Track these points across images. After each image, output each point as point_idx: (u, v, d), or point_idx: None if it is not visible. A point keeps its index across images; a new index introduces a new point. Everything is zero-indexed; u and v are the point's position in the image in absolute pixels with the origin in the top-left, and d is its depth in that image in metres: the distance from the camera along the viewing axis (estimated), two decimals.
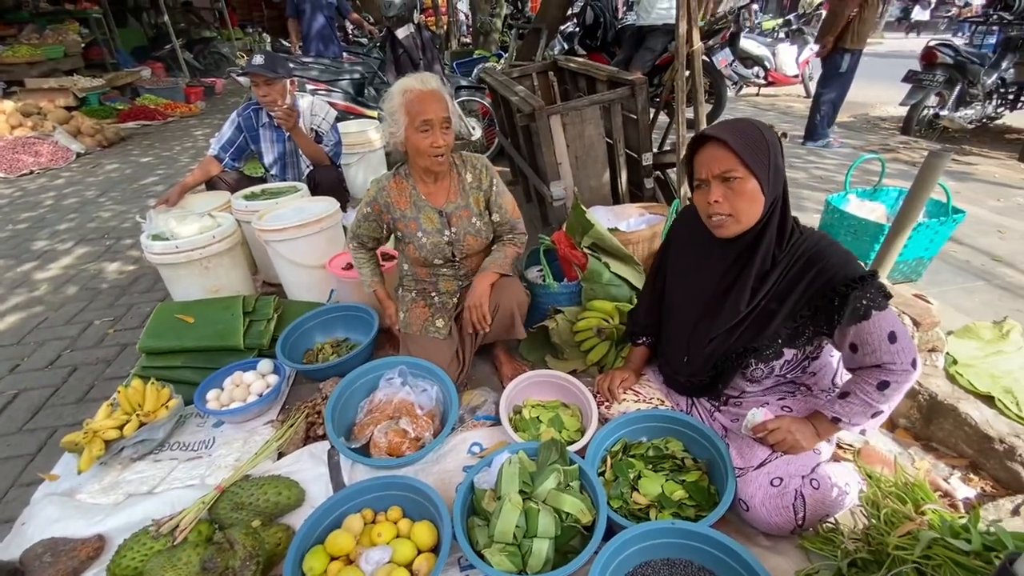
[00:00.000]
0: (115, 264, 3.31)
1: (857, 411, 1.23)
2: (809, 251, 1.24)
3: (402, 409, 1.68)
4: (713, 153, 1.22)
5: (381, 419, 1.65)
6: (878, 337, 1.17)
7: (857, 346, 1.21)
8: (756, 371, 1.36)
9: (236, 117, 2.89)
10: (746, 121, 1.25)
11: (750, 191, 1.21)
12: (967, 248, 2.91)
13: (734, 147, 1.18)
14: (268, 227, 2.29)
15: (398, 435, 1.60)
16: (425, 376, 1.80)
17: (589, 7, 5.74)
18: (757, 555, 1.32)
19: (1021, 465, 1.47)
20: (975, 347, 1.84)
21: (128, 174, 5.19)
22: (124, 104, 7.66)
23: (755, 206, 1.23)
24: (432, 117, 1.64)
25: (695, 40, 2.47)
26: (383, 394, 1.74)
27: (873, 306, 1.16)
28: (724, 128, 1.23)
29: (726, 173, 1.21)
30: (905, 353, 1.17)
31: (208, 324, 2.10)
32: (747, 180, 1.21)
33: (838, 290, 1.18)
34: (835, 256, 1.22)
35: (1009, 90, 5.04)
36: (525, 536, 1.28)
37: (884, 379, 1.18)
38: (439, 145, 1.68)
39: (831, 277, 1.20)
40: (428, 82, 1.68)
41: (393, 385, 1.75)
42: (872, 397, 1.20)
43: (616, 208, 2.57)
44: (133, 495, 1.57)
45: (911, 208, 1.47)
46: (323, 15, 5.38)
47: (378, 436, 1.60)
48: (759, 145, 1.20)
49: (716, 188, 1.24)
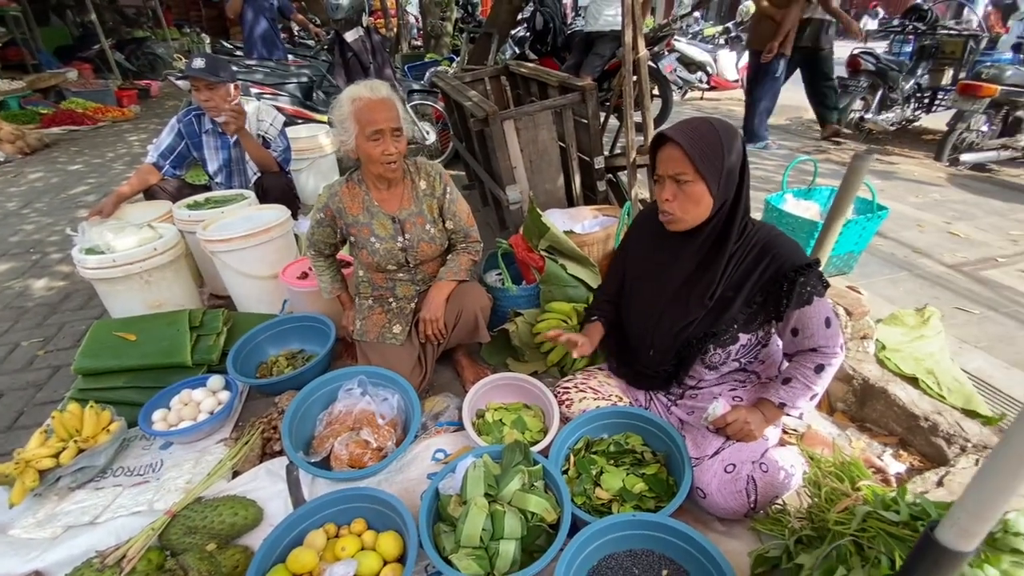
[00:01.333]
0: (43, 280, 3.09)
1: (799, 394, 1.34)
2: (761, 241, 1.34)
3: (363, 420, 1.65)
4: (670, 153, 1.29)
5: (341, 431, 1.62)
6: (817, 322, 1.29)
7: (798, 330, 1.32)
8: (715, 356, 1.43)
9: (176, 123, 2.76)
10: (707, 123, 1.30)
11: (697, 193, 1.29)
12: (892, 242, 3.15)
13: (687, 151, 1.25)
14: (214, 237, 2.20)
15: (359, 446, 1.57)
16: (386, 385, 1.78)
17: (539, 13, 5.83)
18: (713, 540, 1.38)
19: (943, 440, 1.61)
20: (901, 333, 1.99)
21: (54, 183, 4.84)
22: (48, 108, 7.15)
23: (701, 208, 1.32)
24: (383, 126, 1.63)
25: (640, 47, 2.56)
26: (342, 405, 1.70)
27: (815, 292, 1.28)
28: (682, 130, 1.28)
29: (678, 175, 1.29)
30: (836, 337, 1.31)
31: (152, 341, 2.00)
32: (696, 183, 1.28)
33: (788, 276, 1.29)
34: (784, 246, 1.32)
35: (925, 94, 5.50)
36: (492, 538, 1.29)
37: (820, 362, 1.31)
38: (391, 153, 1.67)
39: (781, 265, 1.30)
40: (378, 90, 1.66)
41: (353, 395, 1.72)
42: (811, 380, 1.32)
43: (571, 211, 2.62)
44: (73, 527, 1.47)
45: (840, 206, 1.59)
46: (265, 18, 5.19)
47: (338, 448, 1.57)
48: (713, 150, 1.26)
49: (668, 187, 1.32)
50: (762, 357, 1.50)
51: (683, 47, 7.12)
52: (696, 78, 7.38)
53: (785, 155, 5.01)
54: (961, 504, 0.68)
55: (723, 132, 1.29)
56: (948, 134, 4.62)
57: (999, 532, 0.93)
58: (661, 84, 5.90)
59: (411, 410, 1.69)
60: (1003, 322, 2.34)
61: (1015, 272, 2.78)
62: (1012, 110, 4.50)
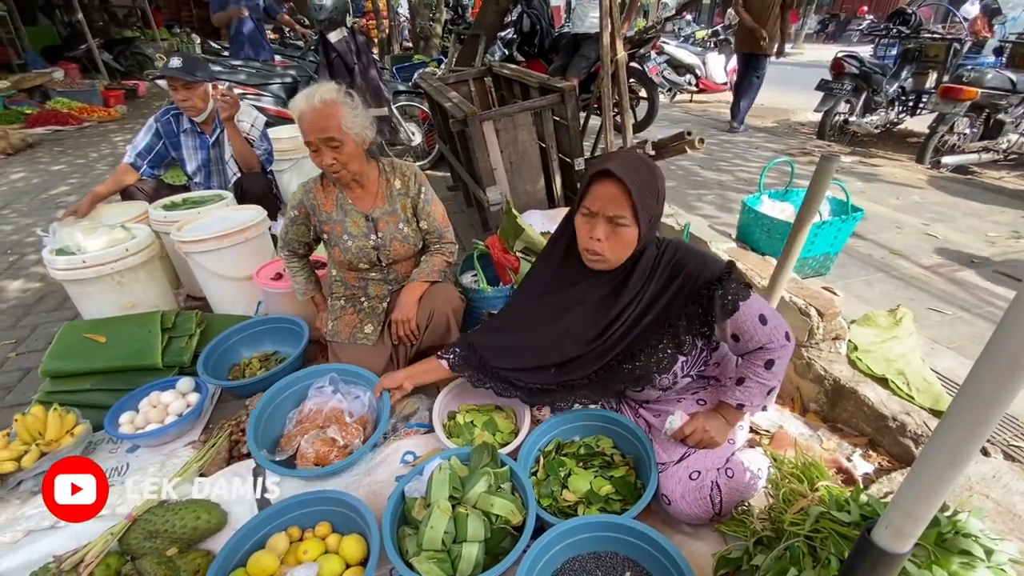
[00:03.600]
0: (18, 282, 3.05)
1: (755, 392, 1.33)
2: (670, 263, 1.33)
3: (332, 417, 1.64)
4: (611, 192, 1.23)
5: (310, 429, 1.61)
6: (752, 323, 1.28)
7: (738, 335, 1.31)
8: (662, 381, 1.42)
9: (154, 122, 2.74)
10: (645, 165, 1.28)
11: (630, 237, 1.28)
12: (869, 243, 3.17)
13: (633, 195, 1.21)
14: (187, 238, 2.18)
15: (326, 444, 1.56)
16: (357, 382, 1.77)
17: (526, 15, 5.84)
18: (679, 542, 1.39)
19: (911, 440, 1.61)
20: (873, 334, 2.00)
21: (36, 184, 4.79)
22: (32, 108, 7.07)
23: (628, 250, 1.32)
24: (311, 138, 1.60)
25: (619, 49, 2.57)
26: (313, 403, 1.69)
27: (739, 298, 1.26)
28: (628, 171, 1.23)
29: (616, 217, 1.25)
30: (778, 330, 1.30)
31: (122, 343, 1.97)
32: (631, 228, 1.26)
33: (702, 294, 1.28)
34: (691, 262, 1.31)
35: (909, 97, 5.55)
36: (455, 541, 1.28)
37: (768, 358, 1.30)
38: (328, 164, 1.65)
39: (693, 283, 1.29)
40: (313, 98, 1.59)
41: (324, 394, 1.71)
42: (764, 377, 1.31)
43: (551, 212, 2.63)
44: (33, 531, 1.45)
45: (808, 207, 1.59)
46: (251, 18, 5.17)
47: (304, 446, 1.56)
48: (651, 196, 1.25)
49: (601, 226, 1.28)
50: (715, 359, 1.50)
51: (672, 50, 7.16)
52: (685, 80, 7.42)
53: (768, 156, 5.04)
54: (894, 504, 0.68)
55: (659, 177, 1.28)
56: (930, 136, 4.66)
57: (948, 533, 0.93)
58: (648, 86, 5.93)
59: (382, 407, 1.68)
60: (975, 323, 2.36)
61: (990, 273, 2.81)
62: (993, 113, 4.55)
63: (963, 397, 0.60)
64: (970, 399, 0.59)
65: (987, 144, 4.65)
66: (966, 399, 0.60)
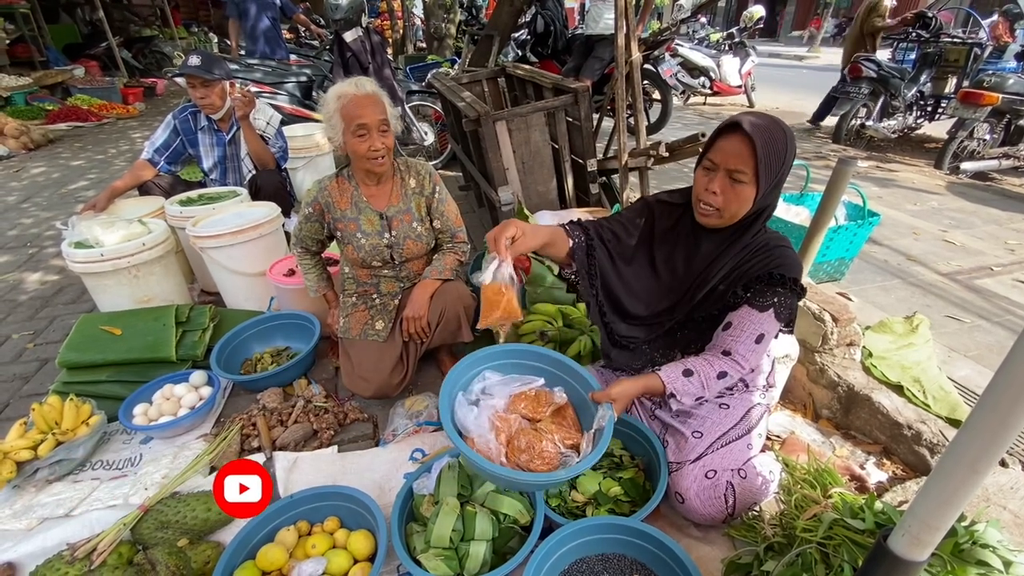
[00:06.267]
0: (37, 274, 3.10)
1: (692, 392, 1.28)
2: (769, 247, 1.30)
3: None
4: (737, 147, 1.19)
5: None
6: (751, 331, 1.26)
7: (731, 325, 1.29)
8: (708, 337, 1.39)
9: (172, 119, 2.78)
10: (778, 126, 1.21)
11: (746, 195, 1.23)
12: (886, 249, 3.13)
13: (758, 151, 1.16)
14: (202, 233, 2.20)
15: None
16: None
17: (540, 16, 5.84)
18: (688, 546, 1.38)
19: (926, 449, 1.59)
20: (888, 340, 1.97)
21: (56, 178, 4.88)
22: (54, 104, 7.20)
23: (742, 209, 1.26)
24: (367, 121, 1.64)
25: (634, 51, 2.56)
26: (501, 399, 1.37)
27: (774, 306, 1.24)
28: (760, 128, 1.18)
29: (735, 171, 1.20)
30: (754, 357, 1.28)
31: (137, 336, 2.00)
32: (749, 186, 1.21)
33: (769, 277, 1.25)
34: (788, 256, 1.28)
35: (927, 102, 5.46)
36: (462, 540, 1.28)
37: (724, 369, 1.27)
38: (377, 148, 1.68)
39: (777, 267, 1.26)
40: (363, 86, 1.67)
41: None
42: (709, 384, 1.28)
43: (562, 213, 2.62)
44: (48, 519, 1.47)
45: (824, 211, 1.58)
46: (267, 16, 5.23)
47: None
48: (778, 157, 1.20)
49: (720, 179, 1.24)
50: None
51: (686, 52, 7.11)
52: (699, 83, 7.37)
53: None
54: (911, 512, 0.67)
55: (790, 141, 1.21)
56: (949, 142, 4.59)
57: (966, 543, 0.91)
58: (661, 88, 5.90)
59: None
60: (994, 331, 2.31)
61: (1010, 281, 2.75)
62: (1014, 119, 4.47)
63: (984, 406, 0.59)
64: (991, 408, 0.58)
65: (1007, 150, 4.57)
66: (987, 408, 0.58)
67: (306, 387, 1.96)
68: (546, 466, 1.24)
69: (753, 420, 1.47)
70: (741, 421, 1.45)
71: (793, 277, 1.26)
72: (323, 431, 1.75)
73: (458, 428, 1.28)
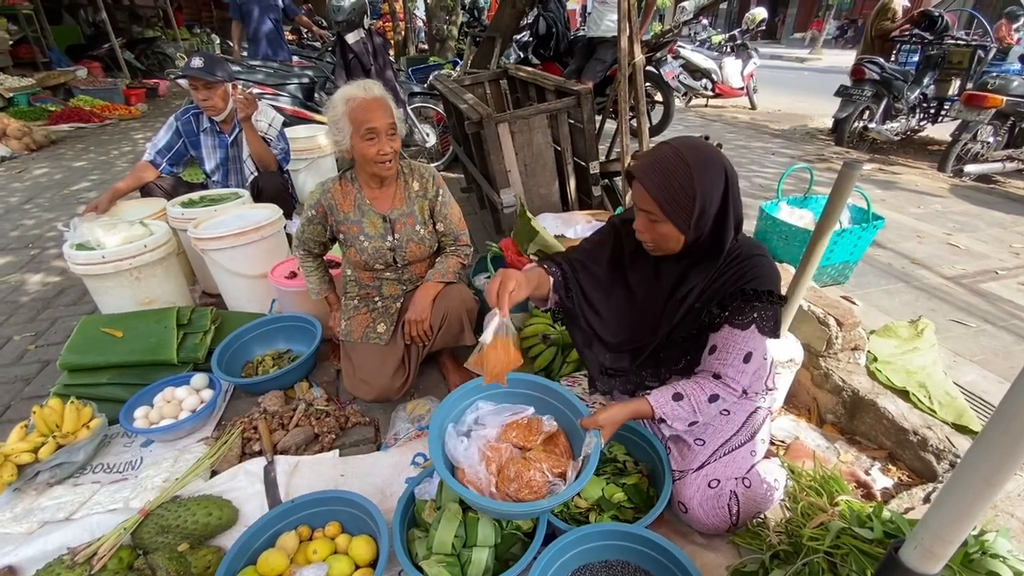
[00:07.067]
0: (39, 275, 3.10)
1: (683, 416, 1.26)
2: (743, 258, 1.28)
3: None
4: (638, 190, 1.24)
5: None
6: (738, 351, 1.24)
7: (717, 348, 1.27)
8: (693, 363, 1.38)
9: (174, 121, 2.77)
10: (678, 158, 1.18)
11: (665, 232, 1.24)
12: (890, 252, 3.11)
13: (653, 196, 1.19)
14: (204, 235, 2.20)
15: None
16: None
17: (542, 17, 5.83)
18: (692, 553, 1.37)
19: (932, 455, 1.57)
20: (893, 345, 1.96)
21: (58, 179, 4.88)
22: (56, 105, 7.22)
23: (670, 242, 1.26)
24: (377, 125, 1.63)
25: (636, 53, 2.55)
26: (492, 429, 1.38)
27: (757, 322, 1.22)
28: (651, 170, 1.20)
29: (647, 213, 1.24)
30: (744, 378, 1.26)
31: (138, 338, 2.00)
32: (663, 223, 1.23)
33: (746, 292, 1.24)
34: (762, 267, 1.26)
35: (930, 104, 5.44)
36: (465, 546, 1.27)
37: (716, 393, 1.26)
38: (386, 152, 1.68)
39: (749, 281, 1.24)
40: (371, 89, 1.67)
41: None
42: (700, 409, 1.26)
43: (564, 215, 2.61)
44: (49, 523, 1.46)
45: (830, 215, 1.56)
46: (270, 18, 5.23)
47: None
48: (682, 191, 1.18)
49: (641, 219, 1.28)
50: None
51: (688, 54, 7.10)
52: (701, 85, 7.36)
53: (785, 162, 4.98)
54: (924, 524, 0.65)
55: (696, 168, 1.16)
56: (952, 144, 4.57)
57: (976, 553, 0.90)
58: (663, 90, 5.89)
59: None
60: (999, 336, 2.30)
61: (1015, 285, 2.74)
62: (1018, 121, 4.45)
63: (1000, 417, 0.58)
64: (1008, 419, 0.56)
65: (1011, 153, 4.55)
66: (1003, 419, 0.57)
67: (307, 390, 1.96)
68: (533, 495, 1.23)
69: (756, 425, 1.45)
70: (743, 427, 1.44)
71: (768, 289, 1.24)
72: (324, 435, 1.74)
73: (449, 460, 1.29)
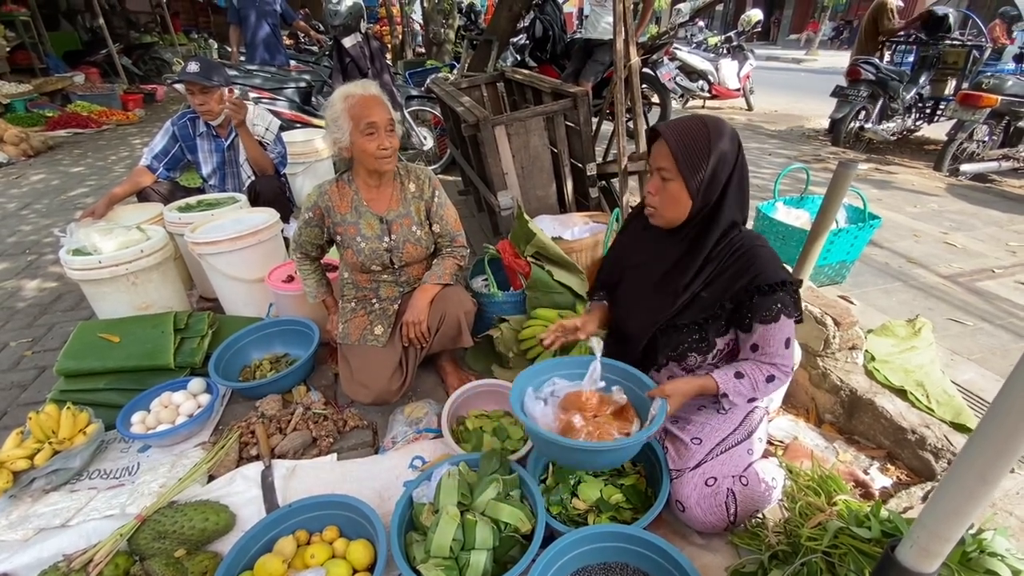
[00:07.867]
0: (35, 281, 3.10)
1: (744, 393, 1.32)
2: (744, 249, 1.31)
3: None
4: (659, 148, 1.29)
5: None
6: (778, 341, 1.29)
7: (759, 346, 1.31)
8: (690, 360, 1.41)
9: (171, 126, 2.77)
10: (700, 123, 1.27)
11: (675, 191, 1.29)
12: (886, 251, 3.12)
13: (671, 148, 1.25)
14: (201, 240, 2.20)
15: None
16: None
17: (538, 20, 5.85)
18: (691, 554, 1.36)
19: (931, 454, 1.57)
20: (891, 344, 1.96)
21: (55, 185, 4.88)
22: (53, 111, 7.21)
23: (679, 207, 1.31)
24: (376, 119, 1.66)
25: (633, 55, 2.56)
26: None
27: (784, 311, 1.25)
28: (674, 128, 1.27)
29: (661, 170, 1.29)
30: (793, 359, 1.33)
31: (135, 343, 1.99)
32: (675, 181, 1.28)
33: (761, 290, 1.26)
34: (765, 259, 1.29)
35: (926, 104, 5.46)
36: (463, 549, 1.27)
37: (772, 373, 1.31)
38: (386, 147, 1.70)
39: (756, 277, 1.27)
40: (368, 88, 1.70)
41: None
42: (759, 386, 1.32)
43: (561, 217, 2.61)
44: (45, 529, 1.45)
45: (826, 214, 1.57)
46: (267, 23, 5.24)
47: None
48: (699, 151, 1.24)
49: (654, 180, 1.33)
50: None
51: (684, 55, 7.13)
52: (697, 86, 7.39)
53: (781, 163, 4.99)
54: (920, 522, 0.65)
55: (714, 134, 1.25)
56: (948, 144, 4.59)
57: (973, 552, 0.90)
58: (660, 92, 5.90)
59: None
60: (997, 334, 2.30)
61: (1012, 283, 2.74)
62: (1013, 120, 4.47)
63: (994, 413, 0.58)
64: (1002, 415, 0.56)
65: (1007, 152, 4.57)
66: (997, 415, 0.57)
67: (305, 394, 1.95)
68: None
69: (753, 424, 1.46)
70: (741, 426, 1.44)
71: (781, 280, 1.27)
72: (322, 438, 1.74)
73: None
